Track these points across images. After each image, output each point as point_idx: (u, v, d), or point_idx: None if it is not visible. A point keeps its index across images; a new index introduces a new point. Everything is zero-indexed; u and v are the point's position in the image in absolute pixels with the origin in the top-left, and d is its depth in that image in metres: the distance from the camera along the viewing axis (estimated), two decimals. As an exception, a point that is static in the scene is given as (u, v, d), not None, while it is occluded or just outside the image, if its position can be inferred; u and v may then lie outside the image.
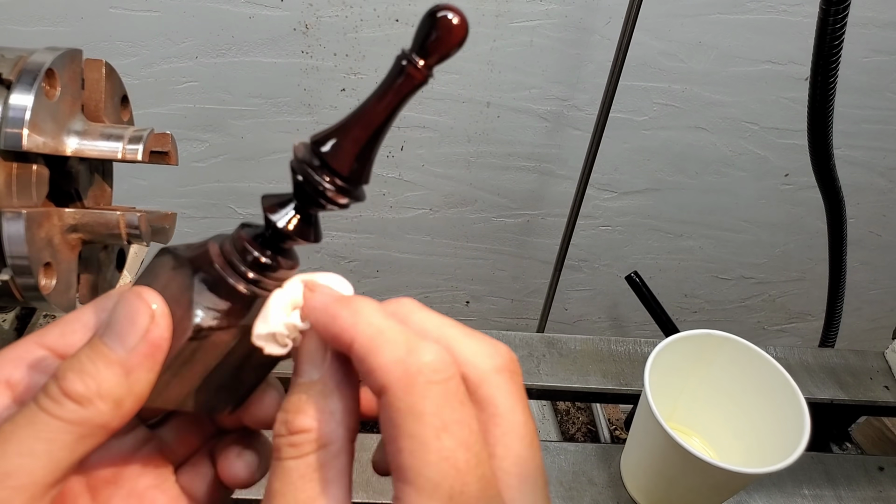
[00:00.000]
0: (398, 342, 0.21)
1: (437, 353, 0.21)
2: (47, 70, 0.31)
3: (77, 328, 0.24)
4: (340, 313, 0.22)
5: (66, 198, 0.37)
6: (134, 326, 0.22)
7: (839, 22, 0.50)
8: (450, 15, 0.21)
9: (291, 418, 0.22)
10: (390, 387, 0.20)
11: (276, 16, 0.87)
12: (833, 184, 0.63)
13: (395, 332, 0.21)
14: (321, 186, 0.23)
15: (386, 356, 0.21)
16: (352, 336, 0.21)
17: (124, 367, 0.21)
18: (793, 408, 0.50)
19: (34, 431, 0.20)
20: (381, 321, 0.22)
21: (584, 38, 0.91)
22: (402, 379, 0.20)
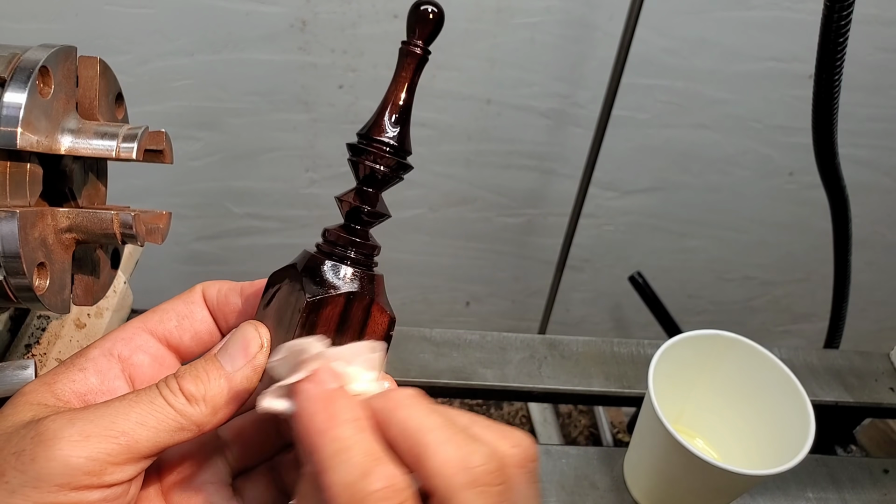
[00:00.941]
0: (354, 464, 0.22)
1: (390, 480, 0.22)
2: (41, 68, 0.31)
3: (172, 316, 0.30)
4: (317, 415, 0.23)
5: (60, 197, 0.36)
6: (244, 352, 0.27)
7: (843, 19, 0.50)
8: (429, 7, 0.30)
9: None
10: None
11: (272, 12, 0.86)
12: (838, 183, 0.63)
13: (356, 452, 0.22)
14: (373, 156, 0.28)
15: (337, 477, 0.22)
16: (314, 446, 0.22)
17: (229, 381, 0.26)
18: (797, 410, 0.49)
19: (152, 409, 0.24)
20: (350, 436, 0.23)
21: (586, 34, 0.90)
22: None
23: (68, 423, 0.23)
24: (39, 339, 0.48)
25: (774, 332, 1.38)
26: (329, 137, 1.00)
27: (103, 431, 0.23)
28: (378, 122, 0.28)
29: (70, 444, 0.22)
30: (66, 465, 0.22)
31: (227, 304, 0.31)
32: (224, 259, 1.15)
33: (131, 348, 0.29)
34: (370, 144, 0.28)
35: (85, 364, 0.27)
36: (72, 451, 0.22)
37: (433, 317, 1.30)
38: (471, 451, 0.23)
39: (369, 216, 0.29)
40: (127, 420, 0.24)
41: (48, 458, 0.22)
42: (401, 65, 0.29)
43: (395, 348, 0.64)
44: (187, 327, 0.30)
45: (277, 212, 1.08)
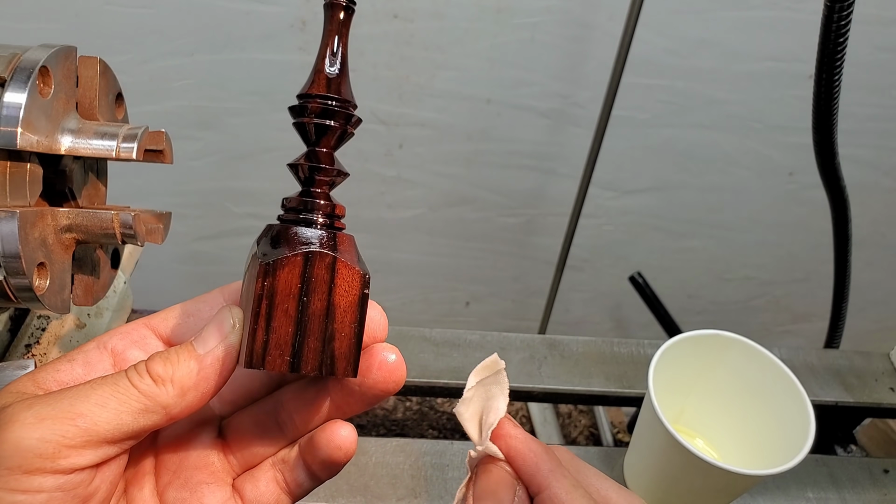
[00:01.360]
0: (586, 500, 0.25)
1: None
2: (41, 68, 0.31)
3: (175, 315, 0.29)
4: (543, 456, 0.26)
5: (60, 197, 0.36)
6: (217, 333, 0.26)
7: (844, 19, 0.50)
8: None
9: None
10: None
11: (272, 12, 0.86)
12: (838, 183, 0.62)
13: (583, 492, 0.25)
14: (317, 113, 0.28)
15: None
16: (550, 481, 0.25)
17: (199, 363, 0.25)
18: (797, 410, 0.49)
19: (114, 390, 0.24)
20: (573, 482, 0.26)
21: (585, 34, 0.90)
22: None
23: (27, 407, 0.22)
24: (39, 339, 0.48)
25: (774, 332, 1.38)
26: (329, 137, 1.00)
27: (60, 414, 0.22)
28: (316, 79, 0.28)
29: (23, 427, 0.22)
30: (17, 447, 0.21)
31: None
32: (224, 259, 1.15)
33: (127, 343, 0.28)
34: (311, 101, 0.28)
35: (76, 355, 0.27)
36: (24, 433, 0.22)
37: (433, 317, 1.30)
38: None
39: (325, 174, 0.29)
40: (86, 402, 0.23)
41: (2, 443, 0.21)
42: (328, 18, 0.28)
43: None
44: (190, 326, 0.29)
45: (277, 212, 1.08)
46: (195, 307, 0.30)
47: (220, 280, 1.10)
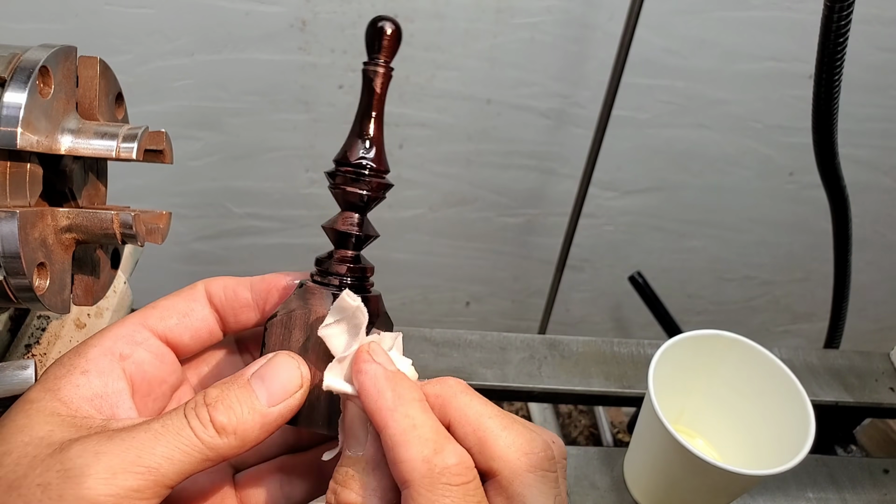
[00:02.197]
0: (427, 439, 0.23)
1: (461, 457, 0.23)
2: (41, 68, 0.31)
3: (172, 314, 0.30)
4: (384, 393, 0.24)
5: (60, 197, 0.36)
6: (282, 389, 0.26)
7: (843, 19, 0.50)
8: (385, 23, 0.29)
9: (339, 490, 0.24)
10: (413, 483, 0.23)
11: (272, 12, 0.86)
12: (838, 183, 0.62)
13: (426, 430, 0.24)
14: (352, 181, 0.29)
15: (412, 452, 0.23)
16: (386, 421, 0.24)
17: (263, 418, 0.26)
18: (797, 410, 0.49)
19: (178, 442, 0.24)
20: (418, 414, 0.24)
21: (586, 34, 0.90)
22: (426, 477, 0.22)
23: (94, 458, 0.23)
24: (39, 339, 0.48)
25: (774, 332, 1.38)
26: (329, 137, 1.00)
27: (130, 467, 0.23)
28: (352, 146, 0.29)
29: (97, 482, 0.22)
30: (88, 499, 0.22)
31: (237, 300, 0.31)
32: (224, 259, 1.15)
33: (131, 345, 0.29)
34: (347, 169, 0.29)
35: (86, 366, 0.27)
36: (100, 490, 0.22)
37: (433, 317, 1.30)
38: (531, 439, 0.25)
39: (357, 241, 0.30)
40: (153, 455, 0.23)
41: (76, 498, 0.22)
42: (366, 84, 0.29)
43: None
44: (187, 325, 0.30)
45: (277, 212, 1.08)
46: (187, 307, 0.30)
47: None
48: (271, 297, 0.31)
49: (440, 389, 0.26)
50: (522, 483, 0.24)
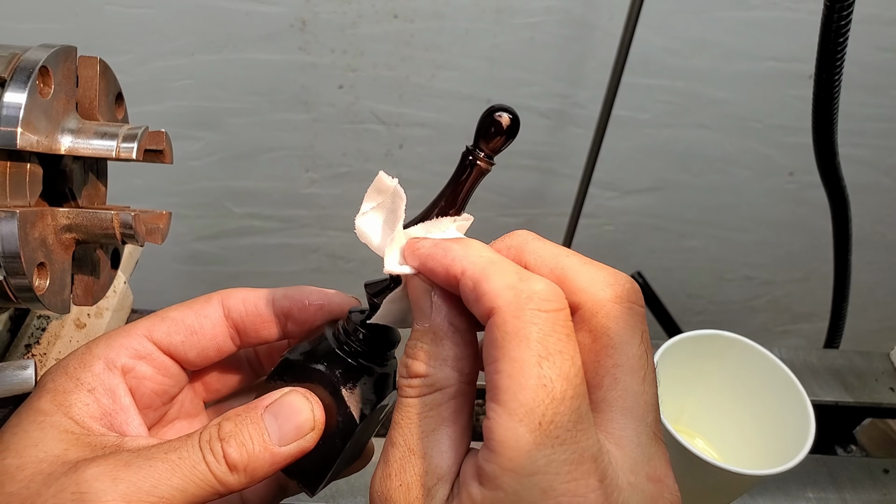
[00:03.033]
0: (509, 271, 0.22)
1: (548, 284, 0.22)
2: (41, 68, 0.31)
3: (181, 330, 0.29)
4: (451, 248, 0.24)
5: (60, 197, 0.36)
6: (295, 430, 0.26)
7: (843, 19, 0.50)
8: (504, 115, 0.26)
9: (409, 363, 0.24)
10: (499, 309, 0.21)
11: (272, 12, 0.86)
12: (838, 182, 0.62)
13: (505, 264, 0.23)
14: None
15: (497, 281, 0.22)
16: (462, 266, 0.23)
17: (273, 457, 0.26)
18: (797, 410, 0.49)
19: (193, 475, 0.24)
20: (490, 254, 0.23)
21: (586, 34, 0.90)
22: (512, 303, 0.21)
23: (111, 484, 0.23)
24: (39, 339, 0.48)
25: (774, 332, 1.38)
26: (329, 137, 1.00)
27: (145, 497, 0.23)
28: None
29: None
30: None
31: (258, 315, 0.30)
32: (224, 259, 1.15)
33: (135, 359, 0.28)
34: None
35: (93, 383, 0.27)
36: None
37: (433, 317, 1.29)
38: (613, 273, 0.24)
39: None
40: (168, 486, 0.24)
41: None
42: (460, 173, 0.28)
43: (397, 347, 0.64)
44: (194, 343, 0.30)
45: (277, 212, 1.08)
46: (197, 323, 0.30)
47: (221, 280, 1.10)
48: (293, 314, 0.31)
49: (511, 240, 0.25)
50: (607, 314, 0.23)
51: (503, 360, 0.21)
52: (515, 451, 0.20)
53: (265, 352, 0.34)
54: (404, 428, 0.24)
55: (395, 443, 0.24)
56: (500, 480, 0.20)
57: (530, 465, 0.20)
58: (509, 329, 0.21)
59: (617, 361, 0.23)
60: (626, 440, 0.22)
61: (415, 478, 0.23)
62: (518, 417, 0.20)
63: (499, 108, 0.26)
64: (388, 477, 0.23)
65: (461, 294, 0.23)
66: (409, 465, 0.23)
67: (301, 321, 0.31)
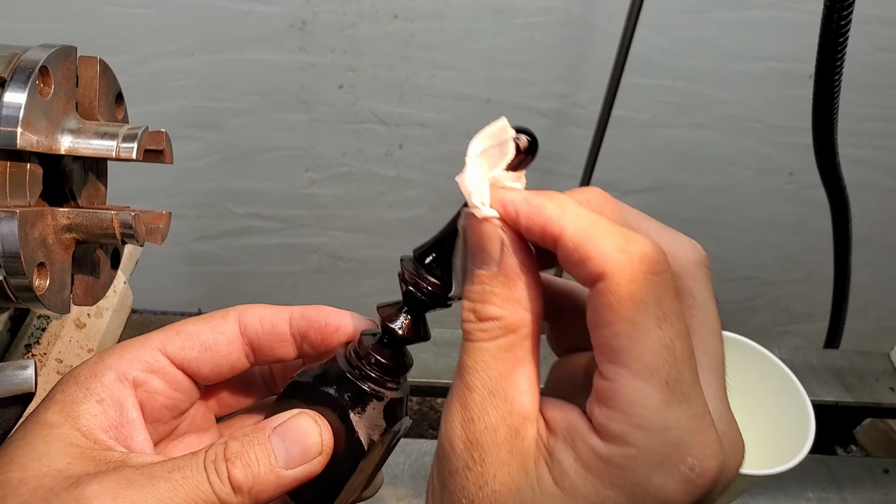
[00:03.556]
0: (614, 233, 0.22)
1: (655, 245, 0.21)
2: (41, 68, 0.31)
3: (195, 345, 0.29)
4: (546, 205, 0.23)
5: (60, 197, 0.36)
6: (302, 454, 0.26)
7: (843, 19, 0.50)
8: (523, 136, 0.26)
9: (480, 308, 0.24)
10: (612, 273, 0.21)
11: (272, 12, 0.86)
12: (838, 182, 0.62)
13: (607, 224, 0.22)
14: (428, 291, 0.28)
15: (606, 244, 0.21)
16: (561, 226, 0.22)
17: (278, 479, 0.25)
18: (798, 410, 0.49)
19: (196, 496, 0.24)
20: (588, 213, 0.23)
21: (585, 34, 0.90)
22: (626, 267, 0.21)
23: (111, 499, 0.23)
24: (39, 339, 0.48)
25: (775, 331, 1.38)
26: (329, 137, 1.00)
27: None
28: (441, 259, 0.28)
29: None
30: None
31: (275, 334, 0.30)
32: (224, 259, 1.15)
33: (147, 372, 0.28)
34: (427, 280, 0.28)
35: (102, 393, 0.27)
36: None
37: (433, 317, 1.29)
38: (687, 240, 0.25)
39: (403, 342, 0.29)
40: (170, 497, 0.24)
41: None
42: None
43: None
44: (208, 359, 0.29)
45: (277, 212, 1.08)
46: (213, 339, 0.29)
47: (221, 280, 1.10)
48: (309, 336, 0.30)
49: (587, 195, 0.25)
50: (692, 277, 0.23)
51: (621, 324, 0.21)
52: (645, 409, 0.21)
53: (280, 369, 0.34)
54: (481, 371, 0.23)
55: (472, 387, 0.24)
56: (630, 437, 0.21)
57: (662, 421, 0.21)
58: (624, 293, 0.21)
59: (701, 321, 0.23)
60: (712, 394, 0.23)
61: (500, 419, 0.23)
62: (644, 378, 0.21)
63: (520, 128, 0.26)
64: (470, 422, 0.23)
65: (559, 254, 0.23)
66: (491, 408, 0.23)
67: (317, 342, 0.30)
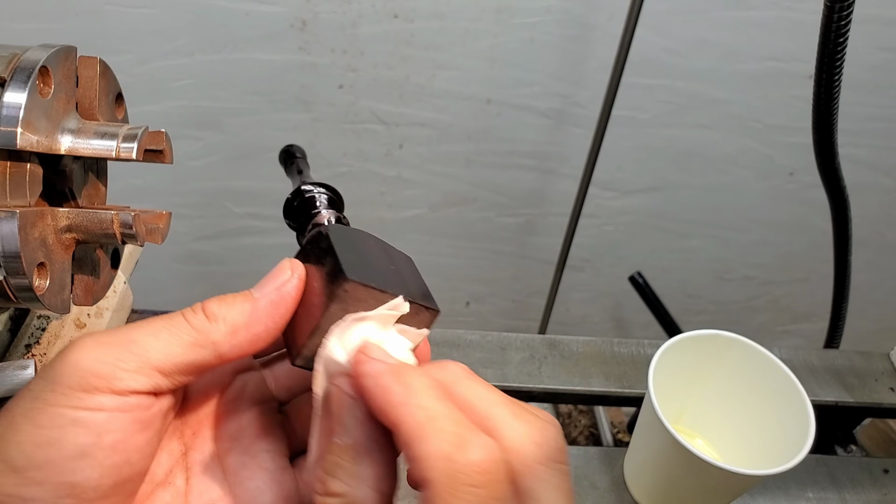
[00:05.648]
0: (447, 433, 0.21)
1: (487, 453, 0.21)
2: (41, 68, 0.31)
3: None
4: (392, 388, 0.22)
5: (60, 197, 0.36)
6: (273, 280, 0.26)
7: (844, 19, 0.50)
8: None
9: (326, 480, 0.23)
10: (433, 483, 0.20)
11: (272, 12, 0.86)
12: (838, 183, 0.62)
13: (445, 421, 0.21)
14: None
15: (433, 448, 0.21)
16: (400, 417, 0.22)
17: (252, 304, 0.25)
18: (797, 410, 0.49)
19: (167, 323, 0.25)
20: (432, 404, 0.22)
21: (585, 34, 0.90)
22: (448, 478, 0.20)
23: (89, 336, 0.24)
24: (39, 339, 0.48)
25: (774, 332, 1.38)
26: (329, 137, 1.00)
27: (116, 341, 0.24)
28: None
29: (82, 349, 0.23)
30: (76, 367, 0.23)
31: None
32: (224, 259, 1.15)
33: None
34: None
35: None
36: (82, 355, 0.23)
37: (435, 317, 1.30)
38: (542, 428, 0.23)
39: None
40: (141, 332, 0.24)
41: (62, 363, 0.23)
42: None
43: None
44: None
45: (277, 212, 1.07)
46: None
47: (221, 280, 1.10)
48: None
49: (442, 375, 0.24)
50: (535, 478, 0.22)
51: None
52: None
53: None
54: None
55: None
56: None
57: None
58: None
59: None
60: None
61: None
62: None
63: None
64: None
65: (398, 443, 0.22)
66: None
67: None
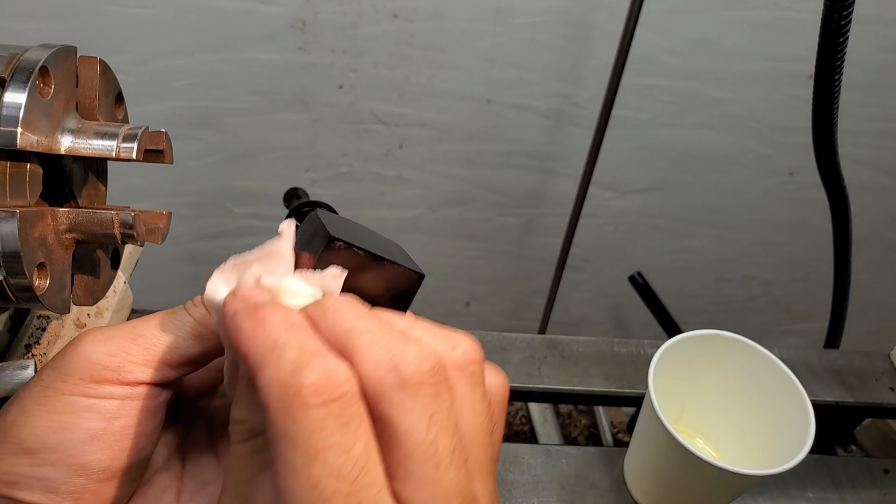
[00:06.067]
0: (286, 359, 0.20)
1: (323, 372, 0.20)
2: (41, 68, 0.31)
3: None
4: (244, 324, 0.22)
5: (60, 197, 0.36)
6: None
7: (844, 19, 0.50)
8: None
9: (232, 408, 0.23)
10: (269, 408, 0.20)
11: (272, 12, 0.86)
12: (838, 183, 0.62)
13: (287, 348, 0.20)
14: None
15: (269, 373, 0.20)
16: (247, 349, 0.21)
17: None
18: (798, 410, 0.49)
19: (172, 318, 0.26)
20: (280, 334, 0.21)
21: (586, 34, 0.90)
22: (281, 400, 0.19)
23: (97, 329, 0.26)
24: (39, 339, 0.48)
25: (774, 332, 1.38)
26: (329, 137, 1.00)
27: (125, 334, 0.25)
28: None
29: (92, 342, 0.25)
30: (87, 359, 0.24)
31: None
32: (224, 259, 1.15)
33: None
34: None
35: None
36: (93, 348, 0.25)
37: (433, 317, 1.28)
38: (402, 352, 0.21)
39: None
40: (148, 325, 0.26)
41: (73, 354, 0.25)
42: None
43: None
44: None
45: (277, 212, 1.08)
46: None
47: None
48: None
49: (313, 309, 0.23)
50: (389, 402, 0.20)
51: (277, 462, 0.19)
52: None
53: None
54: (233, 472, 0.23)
55: (225, 486, 0.23)
56: None
57: None
58: (278, 430, 0.19)
59: (406, 452, 0.21)
60: None
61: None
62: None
63: None
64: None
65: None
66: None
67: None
